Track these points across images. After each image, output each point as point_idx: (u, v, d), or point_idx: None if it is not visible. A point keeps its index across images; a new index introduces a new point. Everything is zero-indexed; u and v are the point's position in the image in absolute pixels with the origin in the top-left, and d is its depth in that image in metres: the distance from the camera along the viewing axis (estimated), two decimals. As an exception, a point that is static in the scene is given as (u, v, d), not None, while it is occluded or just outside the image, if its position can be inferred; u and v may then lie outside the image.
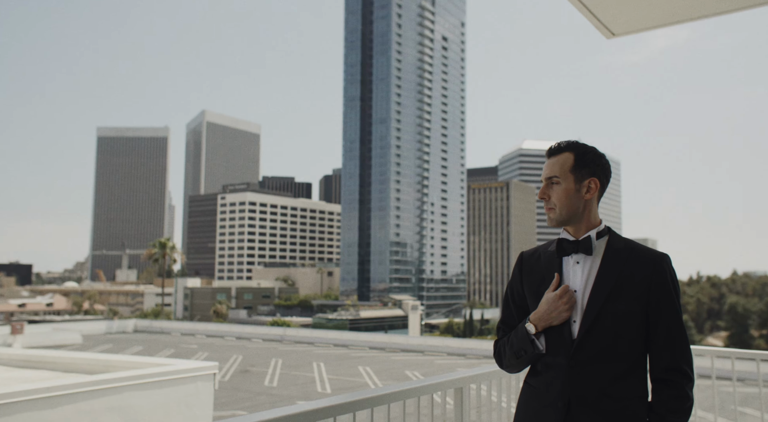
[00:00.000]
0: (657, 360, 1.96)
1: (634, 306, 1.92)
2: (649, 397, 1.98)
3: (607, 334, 1.92)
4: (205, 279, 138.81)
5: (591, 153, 2.04)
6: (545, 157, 2.09)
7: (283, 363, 30.23)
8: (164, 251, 69.70)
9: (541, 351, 2.01)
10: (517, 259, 2.21)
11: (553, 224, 2.06)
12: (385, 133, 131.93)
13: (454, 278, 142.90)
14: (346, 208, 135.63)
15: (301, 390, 22.95)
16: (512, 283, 2.20)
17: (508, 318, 2.19)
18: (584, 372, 1.92)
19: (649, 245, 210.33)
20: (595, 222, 2.05)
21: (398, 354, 37.03)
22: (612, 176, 2.18)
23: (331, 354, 35.61)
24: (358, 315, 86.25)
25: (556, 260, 2.06)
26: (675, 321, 1.95)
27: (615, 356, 1.92)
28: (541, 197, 2.05)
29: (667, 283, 1.96)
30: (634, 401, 1.92)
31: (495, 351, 2.20)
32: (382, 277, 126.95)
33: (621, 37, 3.28)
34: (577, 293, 1.99)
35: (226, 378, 25.53)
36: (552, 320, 1.98)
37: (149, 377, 5.29)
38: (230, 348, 37.54)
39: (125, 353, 33.46)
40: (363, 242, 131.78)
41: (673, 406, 1.91)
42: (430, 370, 29.63)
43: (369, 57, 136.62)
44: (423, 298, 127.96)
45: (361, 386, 24.14)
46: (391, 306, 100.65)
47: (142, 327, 48.83)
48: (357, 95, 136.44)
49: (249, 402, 20.28)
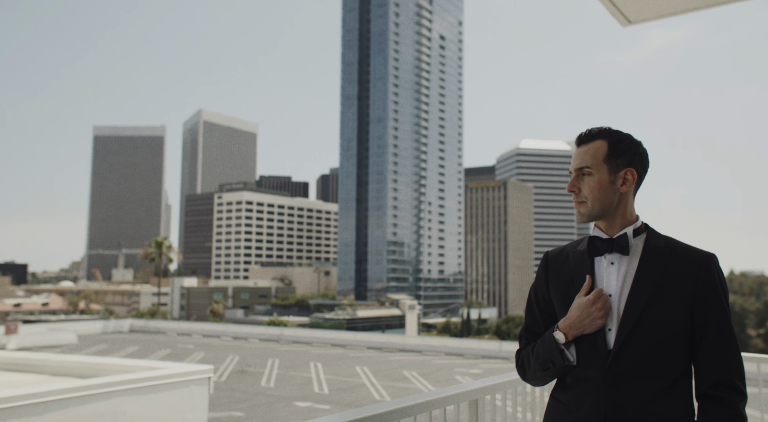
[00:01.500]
0: (705, 373, 1.72)
1: (677, 313, 1.71)
2: (695, 416, 1.74)
3: (647, 344, 1.70)
4: (201, 279, 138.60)
5: (627, 140, 1.82)
6: (575, 145, 1.88)
7: (280, 363, 30.11)
8: (161, 251, 69.53)
9: (571, 363, 1.78)
10: (542, 259, 1.98)
11: (584, 219, 1.84)
12: (382, 132, 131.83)
13: (451, 278, 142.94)
14: (343, 207, 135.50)
15: (298, 390, 22.81)
16: (536, 286, 1.97)
17: (533, 324, 1.95)
18: (622, 387, 1.69)
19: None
20: (631, 218, 1.83)
21: (396, 354, 36.95)
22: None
23: (329, 354, 35.50)
24: (356, 315, 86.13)
25: (588, 261, 1.83)
26: (725, 328, 1.72)
27: (657, 369, 1.69)
28: (571, 190, 1.83)
29: (716, 286, 1.73)
30: (677, 421, 1.69)
31: (518, 362, 1.96)
32: (380, 276, 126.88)
33: (637, 24, 3.15)
34: (613, 298, 1.76)
35: (222, 378, 25.37)
36: (584, 328, 1.75)
37: (142, 381, 5.10)
38: (227, 348, 37.42)
39: (120, 353, 33.25)
40: (360, 241, 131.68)
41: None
42: (428, 370, 29.51)
43: (366, 56, 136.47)
44: (420, 297, 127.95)
45: (358, 386, 24.02)
46: (389, 306, 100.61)
47: (138, 327, 48.69)
48: (354, 94, 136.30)
49: (245, 403, 20.13)
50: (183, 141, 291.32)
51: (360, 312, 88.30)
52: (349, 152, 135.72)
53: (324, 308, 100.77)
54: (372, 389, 23.77)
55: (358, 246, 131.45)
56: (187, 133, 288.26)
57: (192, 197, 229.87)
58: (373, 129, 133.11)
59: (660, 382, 1.68)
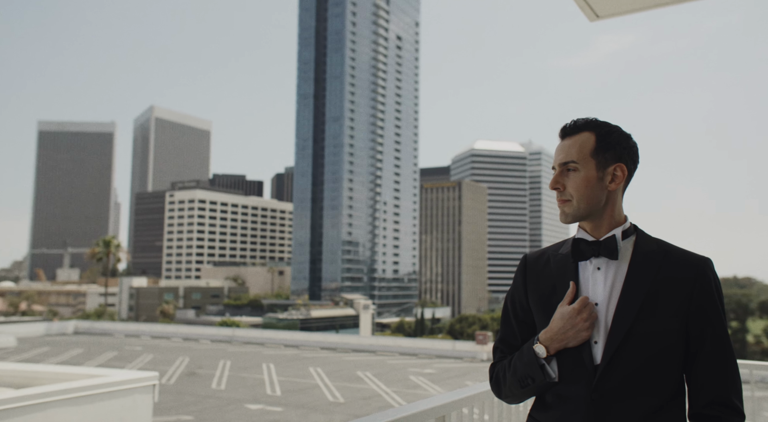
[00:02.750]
0: (700, 390, 1.54)
1: (671, 324, 1.53)
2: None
3: (638, 359, 1.51)
4: (151, 279, 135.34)
5: (616, 133, 1.65)
6: (558, 137, 1.70)
7: (231, 365, 29.61)
8: (108, 250, 67.67)
9: (553, 379, 1.58)
10: (520, 263, 1.78)
11: (568, 220, 1.64)
12: (338, 131, 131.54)
13: (405, 278, 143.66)
14: (298, 206, 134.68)
15: (250, 392, 22.42)
16: (513, 292, 1.77)
17: (509, 336, 1.76)
18: (612, 407, 1.50)
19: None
20: (619, 219, 1.65)
21: (350, 355, 36.82)
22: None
23: (282, 355, 35.13)
24: (309, 315, 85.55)
25: (572, 265, 1.64)
26: (723, 340, 1.55)
27: (649, 386, 1.52)
28: (554, 187, 1.64)
29: (713, 294, 1.56)
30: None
31: (492, 377, 1.76)
32: (334, 276, 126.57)
33: (604, 19, 3.09)
34: (599, 307, 1.58)
35: (171, 381, 24.73)
36: (568, 340, 1.55)
37: (81, 390, 4.79)
38: (176, 350, 36.60)
39: (63, 356, 32.07)
40: (315, 241, 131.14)
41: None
42: (382, 371, 29.47)
43: (323, 55, 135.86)
44: (375, 297, 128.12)
45: (311, 387, 23.77)
46: (343, 306, 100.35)
47: (83, 329, 47.27)
48: (310, 93, 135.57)
49: (195, 406, 19.65)
50: (134, 138, 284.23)
51: (314, 312, 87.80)
52: (304, 151, 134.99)
53: (277, 308, 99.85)
54: (326, 390, 23.57)
55: (312, 246, 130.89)
56: (138, 129, 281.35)
57: (142, 195, 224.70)
58: (329, 128, 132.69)
59: (653, 401, 1.51)
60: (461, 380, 27.28)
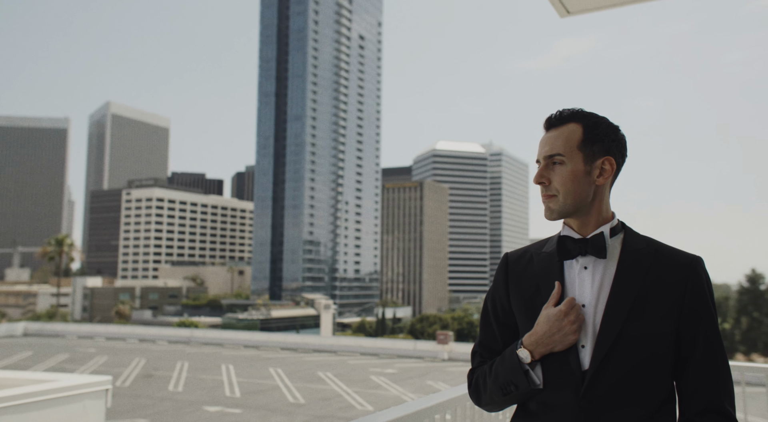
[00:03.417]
0: (692, 397, 1.45)
1: (663, 326, 1.43)
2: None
3: (628, 364, 1.41)
4: (107, 279, 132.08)
5: (604, 125, 1.54)
6: (543, 129, 1.59)
7: (189, 366, 29.06)
8: (61, 249, 65.81)
9: (537, 386, 1.48)
10: (501, 262, 1.67)
11: (554, 216, 1.53)
12: (300, 130, 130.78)
13: (367, 277, 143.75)
14: (258, 206, 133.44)
15: (208, 394, 22.01)
16: (494, 293, 1.65)
17: (489, 339, 1.64)
18: (603, 416, 1.41)
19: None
20: (607, 215, 1.54)
21: (311, 355, 36.59)
22: (524, 176, 1.60)
23: (242, 356, 34.66)
24: (270, 315, 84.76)
25: (557, 265, 1.54)
26: (715, 344, 1.46)
27: (639, 392, 1.42)
28: (539, 182, 1.53)
29: (705, 296, 1.47)
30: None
31: (470, 384, 1.64)
32: (295, 276, 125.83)
33: (574, 15, 3.06)
34: (587, 308, 1.47)
35: (126, 383, 24.11)
36: (554, 345, 1.45)
37: (25, 397, 4.52)
38: (132, 351, 35.80)
39: (10, 359, 31.01)
40: (276, 240, 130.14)
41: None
42: (343, 371, 29.33)
43: (285, 53, 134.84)
44: (336, 297, 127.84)
45: (271, 388, 23.48)
46: (304, 306, 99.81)
47: (33, 331, 45.82)
48: (272, 91, 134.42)
49: (151, 409, 19.18)
50: (89, 134, 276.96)
51: (274, 312, 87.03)
52: (265, 150, 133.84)
53: (237, 308, 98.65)
54: (286, 391, 23.33)
55: (273, 245, 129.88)
56: (93, 126, 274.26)
57: (98, 193, 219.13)
58: (290, 127, 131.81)
59: (642, 411, 1.41)
60: (422, 380, 27.34)
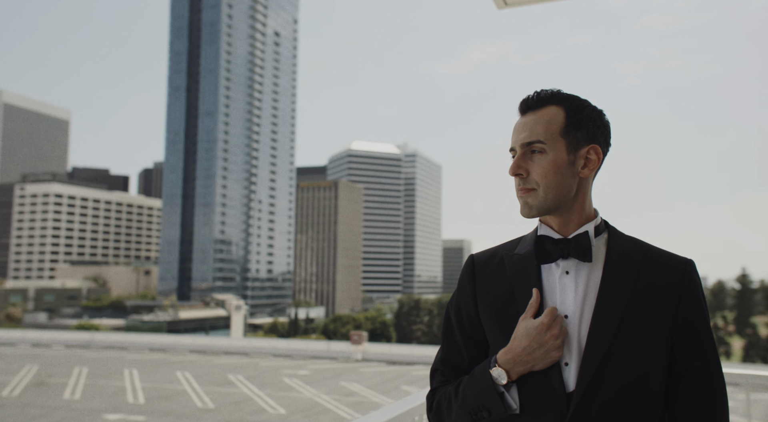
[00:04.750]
0: (689, 414, 1.26)
1: (657, 340, 1.24)
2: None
3: (618, 383, 1.22)
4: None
5: (588, 108, 1.32)
6: (518, 112, 1.37)
7: (89, 372, 27.46)
8: (-56, 247, 60.80)
9: (514, 411, 1.26)
10: (466, 265, 1.43)
11: (532, 213, 1.31)
12: (212, 126, 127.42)
13: (280, 277, 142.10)
14: (167, 203, 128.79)
15: (108, 401, 20.77)
16: (459, 301, 1.41)
17: (452, 355, 1.39)
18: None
19: (465, 247, 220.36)
20: (590, 213, 1.33)
21: (221, 357, 35.51)
22: (437, 178, 1.32)
23: (147, 360, 33.13)
24: (177, 316, 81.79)
25: (533, 269, 1.31)
26: (710, 357, 1.28)
27: (632, 416, 1.22)
28: (516, 173, 1.30)
29: (701, 304, 1.29)
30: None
31: (431, 407, 1.38)
32: (205, 276, 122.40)
33: (512, 8, 3.07)
34: (570, 320, 1.26)
35: (14, 393, 22.40)
36: (534, 362, 1.23)
37: None
38: (23, 357, 33.53)
39: None
40: (185, 239, 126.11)
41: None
42: (255, 373, 28.60)
43: (197, 46, 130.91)
44: (248, 297, 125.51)
45: (178, 393, 22.48)
46: (214, 306, 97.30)
47: None
48: (183, 86, 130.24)
49: (43, 419, 17.85)
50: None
51: (182, 313, 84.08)
52: (175, 146, 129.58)
53: (142, 309, 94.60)
54: (194, 396, 22.44)
55: (182, 244, 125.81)
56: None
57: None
58: (202, 123, 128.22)
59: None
60: (337, 381, 27.11)
